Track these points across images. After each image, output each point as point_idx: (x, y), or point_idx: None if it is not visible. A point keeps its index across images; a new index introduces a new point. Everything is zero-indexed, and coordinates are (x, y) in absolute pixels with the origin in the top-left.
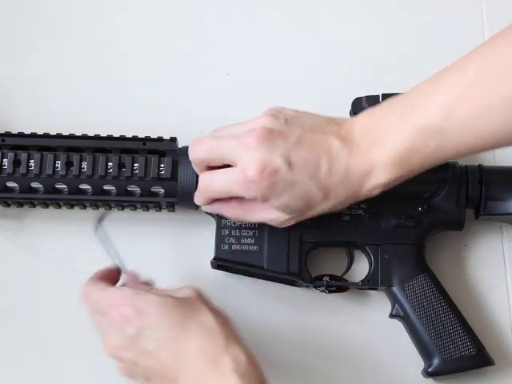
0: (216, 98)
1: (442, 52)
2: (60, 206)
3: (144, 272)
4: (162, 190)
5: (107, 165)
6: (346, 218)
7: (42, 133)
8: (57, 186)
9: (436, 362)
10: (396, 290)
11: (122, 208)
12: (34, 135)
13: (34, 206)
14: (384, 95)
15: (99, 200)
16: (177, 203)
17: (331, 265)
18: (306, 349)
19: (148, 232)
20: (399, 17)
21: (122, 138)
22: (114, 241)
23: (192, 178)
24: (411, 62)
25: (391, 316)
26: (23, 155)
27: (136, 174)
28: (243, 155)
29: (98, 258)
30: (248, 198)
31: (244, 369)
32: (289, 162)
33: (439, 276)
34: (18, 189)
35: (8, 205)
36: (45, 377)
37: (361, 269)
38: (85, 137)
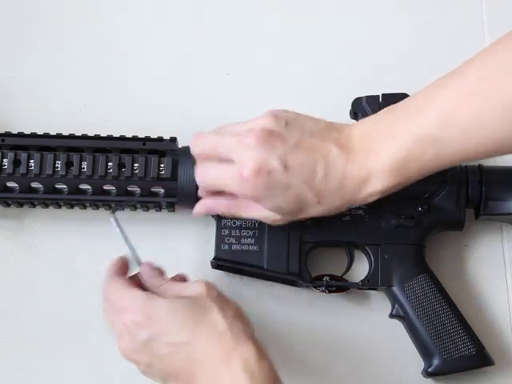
0: (216, 98)
1: (442, 52)
2: (60, 206)
3: None
4: (162, 189)
5: (107, 165)
6: (346, 218)
7: (42, 133)
8: (57, 186)
9: (436, 362)
10: (396, 289)
11: (122, 208)
12: (34, 135)
13: (34, 206)
14: (384, 95)
15: (99, 200)
16: (177, 203)
17: (331, 265)
18: (306, 349)
19: (148, 232)
20: (399, 17)
21: (122, 138)
22: (114, 240)
23: (192, 178)
24: (411, 62)
25: (391, 316)
26: (23, 155)
27: (136, 173)
28: (241, 154)
29: (98, 258)
30: (241, 195)
31: (254, 366)
32: (285, 165)
33: (439, 276)
34: (17, 189)
35: (8, 205)
36: (45, 377)
37: (361, 269)
38: (85, 137)
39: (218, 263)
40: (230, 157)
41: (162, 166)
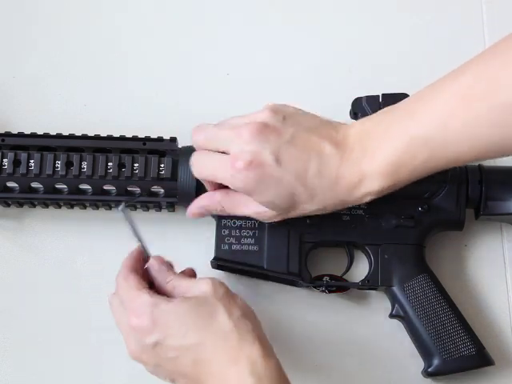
0: (216, 97)
1: (441, 52)
2: (60, 206)
3: None
4: (162, 190)
5: (107, 165)
6: (346, 217)
7: (42, 133)
8: (57, 186)
9: (436, 362)
10: (396, 289)
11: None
12: (34, 135)
13: (34, 205)
14: (384, 95)
15: (99, 200)
16: (177, 203)
17: (331, 265)
18: (306, 349)
19: (148, 232)
20: (399, 17)
21: (122, 138)
22: (114, 240)
23: (192, 178)
24: (411, 62)
25: (391, 316)
26: (23, 155)
27: (136, 174)
28: (236, 146)
29: (98, 258)
30: (233, 188)
31: (260, 368)
32: (277, 159)
33: (439, 276)
34: (17, 189)
35: (8, 205)
36: (45, 377)
37: (361, 269)
38: (85, 137)
39: (218, 263)
40: (226, 149)
41: (162, 166)
